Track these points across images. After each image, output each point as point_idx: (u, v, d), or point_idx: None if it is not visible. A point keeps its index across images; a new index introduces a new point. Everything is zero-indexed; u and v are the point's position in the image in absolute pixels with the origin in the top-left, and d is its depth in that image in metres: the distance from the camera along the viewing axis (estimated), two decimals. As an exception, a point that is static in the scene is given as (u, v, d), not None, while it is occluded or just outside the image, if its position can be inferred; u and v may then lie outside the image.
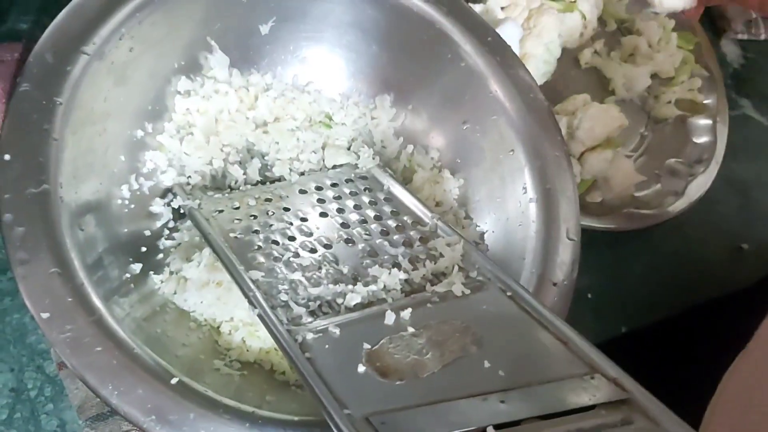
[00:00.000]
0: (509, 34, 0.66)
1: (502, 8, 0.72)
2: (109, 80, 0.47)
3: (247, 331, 0.49)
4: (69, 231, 0.41)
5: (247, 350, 0.49)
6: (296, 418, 0.41)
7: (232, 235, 0.47)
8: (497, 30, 0.59)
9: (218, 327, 0.50)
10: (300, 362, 0.36)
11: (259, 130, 0.57)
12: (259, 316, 0.40)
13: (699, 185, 0.67)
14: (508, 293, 0.42)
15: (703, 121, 0.69)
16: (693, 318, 0.65)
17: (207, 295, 0.48)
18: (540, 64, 0.70)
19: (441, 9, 0.56)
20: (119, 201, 0.49)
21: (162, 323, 0.46)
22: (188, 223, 0.52)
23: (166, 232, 0.52)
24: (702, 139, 0.69)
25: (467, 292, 0.43)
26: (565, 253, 0.51)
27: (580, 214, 0.53)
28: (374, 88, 0.60)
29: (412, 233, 0.49)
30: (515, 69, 0.57)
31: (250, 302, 0.41)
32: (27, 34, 0.54)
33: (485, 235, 0.56)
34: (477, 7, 0.69)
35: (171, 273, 0.50)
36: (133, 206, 0.50)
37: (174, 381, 0.38)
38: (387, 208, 0.52)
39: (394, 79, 0.60)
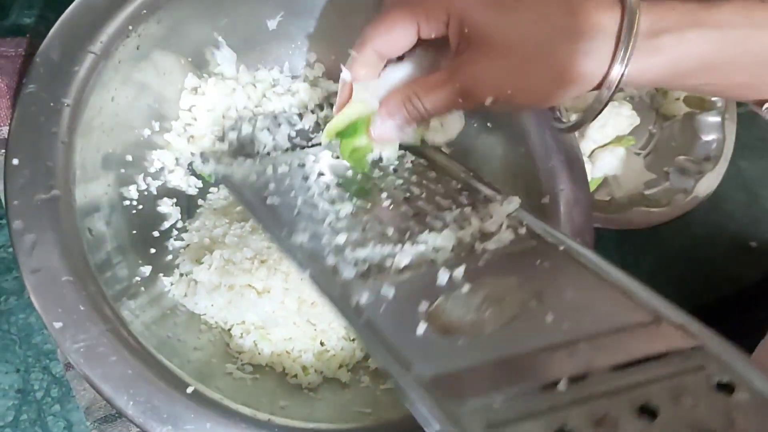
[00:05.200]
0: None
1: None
2: (116, 79, 0.46)
3: (259, 334, 0.49)
4: (79, 236, 0.40)
5: (259, 353, 0.48)
6: (311, 425, 0.41)
7: (269, 201, 0.44)
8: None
9: (229, 330, 0.49)
10: (357, 327, 0.34)
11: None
12: (311, 276, 0.38)
13: (708, 183, 0.67)
14: (561, 247, 0.40)
15: (712, 119, 0.69)
16: (702, 316, 0.65)
17: (218, 298, 0.48)
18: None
19: None
20: (127, 202, 0.49)
21: (173, 326, 0.46)
22: (197, 223, 0.52)
23: (175, 232, 0.52)
24: (710, 137, 0.68)
25: (516, 244, 0.41)
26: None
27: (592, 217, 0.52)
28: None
29: (453, 193, 0.47)
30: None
31: (299, 265, 0.38)
32: (31, 29, 0.53)
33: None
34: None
35: (181, 275, 0.50)
36: (141, 207, 0.50)
37: (190, 390, 0.38)
38: (428, 173, 0.49)
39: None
